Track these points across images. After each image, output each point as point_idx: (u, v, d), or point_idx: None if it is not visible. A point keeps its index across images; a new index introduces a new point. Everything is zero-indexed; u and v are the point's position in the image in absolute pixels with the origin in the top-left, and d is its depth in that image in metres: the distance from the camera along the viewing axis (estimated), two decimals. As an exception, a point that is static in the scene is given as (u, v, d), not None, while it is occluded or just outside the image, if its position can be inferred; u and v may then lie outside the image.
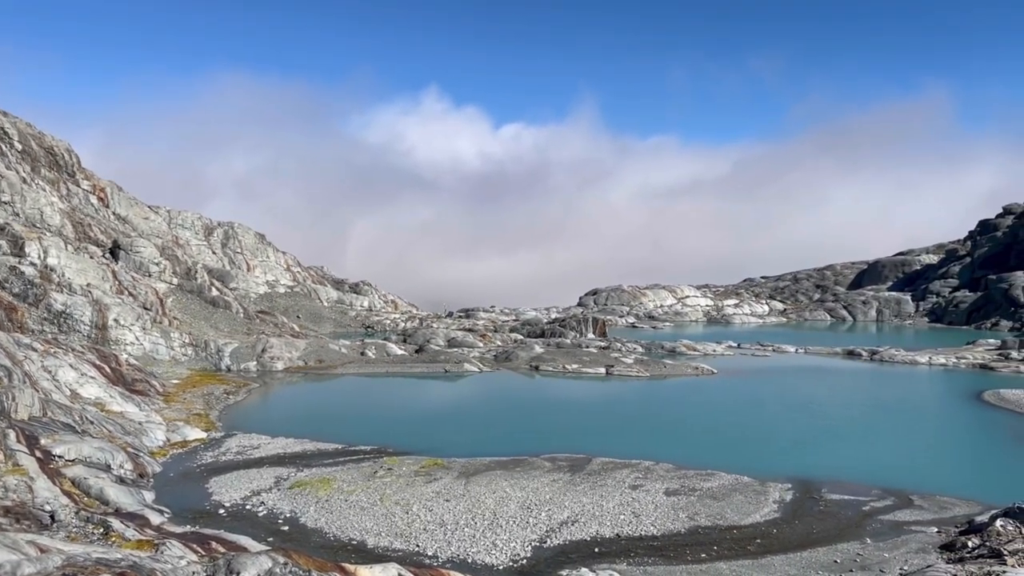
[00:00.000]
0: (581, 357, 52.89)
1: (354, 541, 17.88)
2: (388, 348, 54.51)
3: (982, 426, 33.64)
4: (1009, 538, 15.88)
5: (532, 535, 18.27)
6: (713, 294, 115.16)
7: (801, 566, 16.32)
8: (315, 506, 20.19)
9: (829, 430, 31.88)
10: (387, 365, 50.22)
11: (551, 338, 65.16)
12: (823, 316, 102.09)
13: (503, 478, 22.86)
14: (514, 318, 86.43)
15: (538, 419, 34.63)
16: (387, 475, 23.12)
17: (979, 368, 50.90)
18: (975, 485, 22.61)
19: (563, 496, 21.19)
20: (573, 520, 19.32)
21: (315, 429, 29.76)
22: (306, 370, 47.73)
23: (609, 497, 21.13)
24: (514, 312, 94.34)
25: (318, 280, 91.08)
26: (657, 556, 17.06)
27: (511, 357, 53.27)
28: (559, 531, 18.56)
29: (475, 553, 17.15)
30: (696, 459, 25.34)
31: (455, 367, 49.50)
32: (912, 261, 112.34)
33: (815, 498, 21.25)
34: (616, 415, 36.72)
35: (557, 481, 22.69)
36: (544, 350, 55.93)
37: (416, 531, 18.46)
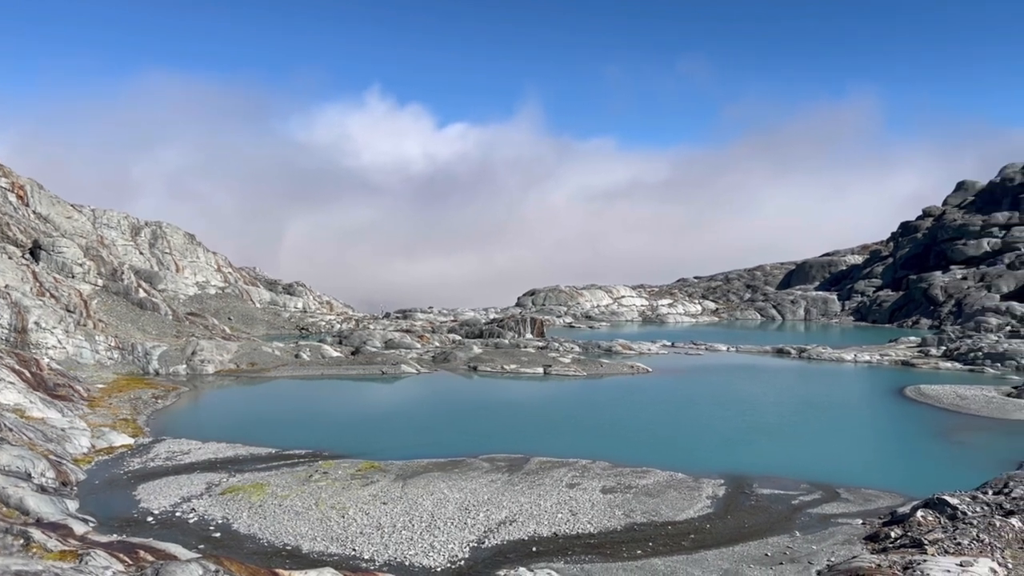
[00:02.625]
0: (519, 357, 53.05)
1: (288, 546, 17.56)
2: (323, 350, 53.76)
3: (904, 421, 34.93)
4: (929, 528, 16.52)
5: (470, 536, 18.24)
6: (648, 294, 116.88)
7: (733, 560, 16.68)
8: (248, 512, 19.76)
9: (760, 426, 32.67)
10: (322, 367, 49.51)
11: (489, 338, 65.20)
12: (754, 315, 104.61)
13: (441, 480, 22.76)
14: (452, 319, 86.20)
15: (476, 420, 34.61)
16: (322, 479, 22.78)
17: (901, 365, 52.83)
18: (898, 478, 23.46)
19: (501, 496, 21.21)
20: (511, 520, 19.35)
21: (248, 433, 29.15)
22: (238, 373, 46.71)
23: (547, 496, 21.24)
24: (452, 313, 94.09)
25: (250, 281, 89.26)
26: (594, 554, 17.21)
27: (449, 358, 53.11)
28: (497, 531, 18.57)
29: (413, 555, 17.04)
30: (632, 457, 25.68)
31: (392, 369, 49.10)
32: (838, 262, 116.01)
33: (747, 493, 21.74)
34: (554, 414, 36.95)
35: (495, 481, 22.71)
36: (482, 350, 55.91)
37: (352, 535, 18.24)
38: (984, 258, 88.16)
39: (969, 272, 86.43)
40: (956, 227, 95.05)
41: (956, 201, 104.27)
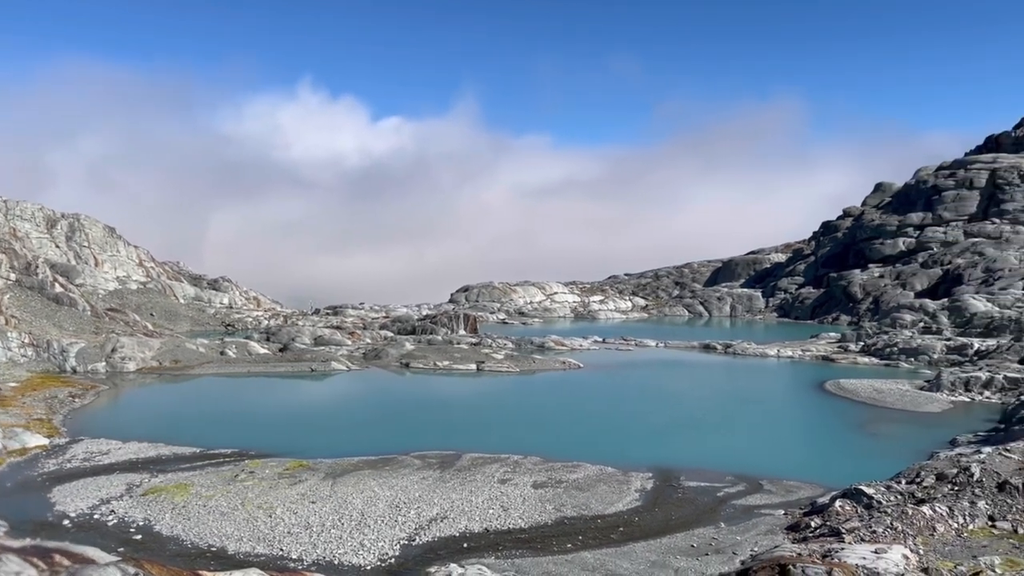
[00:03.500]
0: (452, 354, 52.93)
1: (213, 547, 17.14)
2: (250, 347, 52.60)
3: (824, 414, 36.11)
4: (847, 517, 17.13)
5: (401, 533, 18.12)
6: (580, 291, 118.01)
7: (661, 552, 16.99)
8: (171, 513, 19.21)
9: (688, 420, 33.36)
10: (249, 365, 48.47)
11: (422, 335, 64.84)
12: (682, 312, 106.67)
13: (372, 477, 22.55)
14: (384, 315, 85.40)
15: (408, 417, 34.40)
16: (249, 478, 22.31)
17: (822, 360, 54.60)
18: (818, 469, 24.21)
19: (432, 493, 21.13)
20: (442, 517, 19.30)
21: (171, 433, 28.33)
22: (161, 371, 45.36)
23: (478, 492, 21.25)
24: (384, 309, 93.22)
25: (174, 276, 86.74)
26: (525, 548, 17.30)
27: (381, 355, 52.63)
28: (428, 528, 18.50)
29: (342, 554, 16.83)
30: (564, 452, 25.88)
31: (322, 366, 48.39)
32: (763, 260, 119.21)
33: (674, 486, 22.17)
34: (486, 411, 37.01)
35: (427, 479, 22.61)
36: (415, 347, 55.59)
37: (280, 534, 17.91)
38: (900, 257, 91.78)
39: (886, 270, 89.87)
40: (874, 227, 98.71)
41: (874, 202, 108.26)
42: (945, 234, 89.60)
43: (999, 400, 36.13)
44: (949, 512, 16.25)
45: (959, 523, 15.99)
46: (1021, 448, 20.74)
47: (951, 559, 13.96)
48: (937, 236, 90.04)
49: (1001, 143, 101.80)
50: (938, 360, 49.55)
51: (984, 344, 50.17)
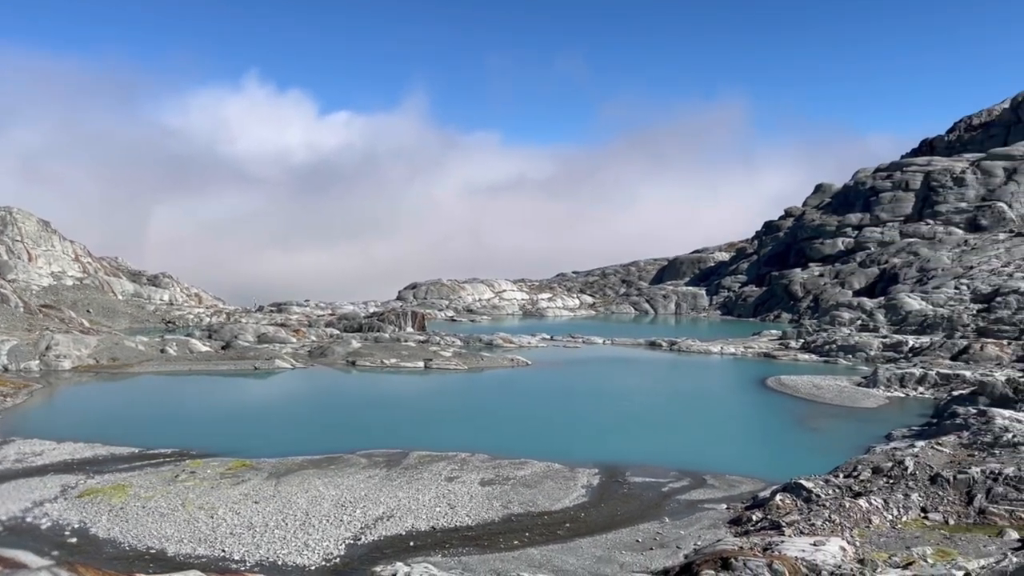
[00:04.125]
0: (400, 351, 52.60)
1: (152, 550, 16.73)
2: (191, 345, 51.49)
3: (766, 409, 36.86)
4: (787, 511, 17.51)
5: (346, 533, 17.93)
6: (529, 288, 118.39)
7: (606, 547, 17.14)
8: (108, 515, 18.68)
9: (633, 416, 33.72)
10: (190, 363, 47.44)
11: (369, 332, 64.25)
12: (628, 309, 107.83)
13: (316, 477, 22.27)
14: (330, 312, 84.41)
15: (355, 415, 34.08)
16: (190, 479, 21.83)
17: (763, 357, 55.73)
18: (760, 464, 24.70)
19: (379, 492, 20.97)
20: (389, 515, 19.16)
21: (108, 432, 27.55)
22: (98, 369, 44.10)
23: (425, 490, 21.15)
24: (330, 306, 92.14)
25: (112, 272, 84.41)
26: (472, 546, 17.28)
27: (327, 352, 52.02)
28: (374, 527, 18.34)
29: (286, 555, 16.58)
30: (511, 449, 25.92)
31: (266, 364, 47.61)
32: (707, 258, 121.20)
33: (620, 482, 22.38)
34: (434, 408, 36.87)
35: (373, 477, 22.43)
36: (361, 345, 55.07)
37: (222, 535, 17.57)
38: (839, 256, 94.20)
39: (825, 269, 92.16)
40: (814, 227, 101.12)
41: (815, 202, 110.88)
42: (882, 234, 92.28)
43: (932, 395, 37.33)
44: (884, 504, 16.74)
45: (893, 515, 16.48)
46: (952, 442, 21.48)
47: (886, 550, 14.37)
48: (874, 236, 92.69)
49: (935, 146, 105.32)
50: (875, 357, 50.99)
51: (918, 341, 51.81)
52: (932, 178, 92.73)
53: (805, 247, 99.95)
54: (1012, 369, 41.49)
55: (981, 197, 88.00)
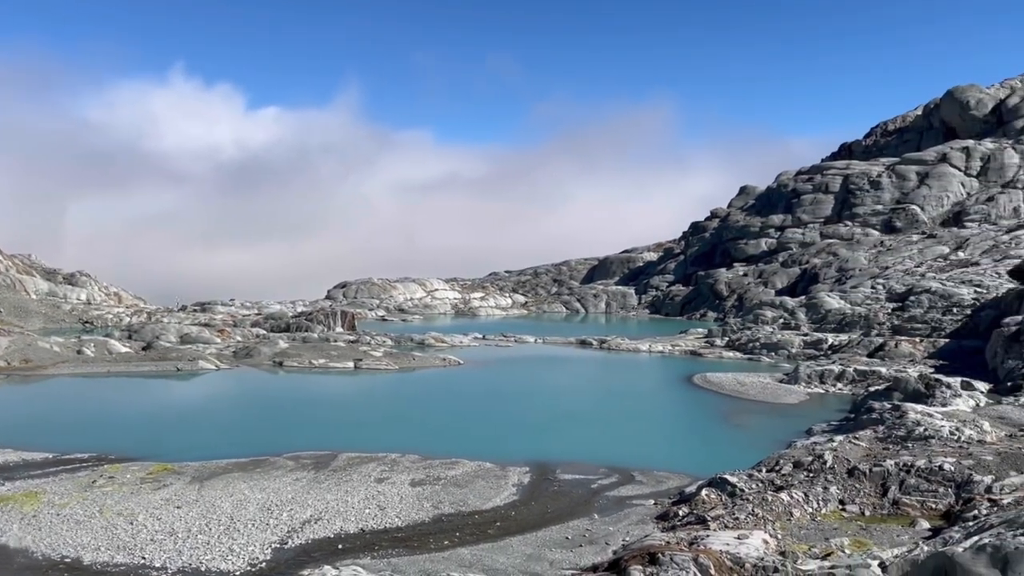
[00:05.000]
0: (329, 351, 51.83)
1: (67, 559, 16.06)
2: (110, 345, 49.70)
3: (692, 406, 37.63)
4: (712, 505, 17.89)
5: (272, 537, 17.56)
6: (461, 287, 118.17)
7: (536, 545, 17.21)
8: (19, 523, 17.86)
9: (564, 414, 33.98)
10: (109, 364, 45.78)
11: (297, 332, 63.13)
12: (560, 308, 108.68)
13: (242, 480, 21.76)
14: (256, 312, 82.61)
15: (282, 417, 33.41)
16: (108, 484, 21.06)
17: (690, 354, 56.85)
18: (686, 459, 25.17)
19: (306, 495, 20.61)
20: (317, 518, 18.84)
21: (19, 437, 26.38)
22: (9, 371, 42.15)
23: (354, 492, 20.89)
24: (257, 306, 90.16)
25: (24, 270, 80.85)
26: (401, 547, 17.14)
27: (252, 353, 50.90)
28: (301, 530, 18.01)
29: (209, 560, 16.14)
30: (442, 448, 25.82)
31: (188, 365, 46.29)
32: (636, 258, 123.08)
33: (550, 479, 22.52)
34: (364, 409, 36.47)
35: (300, 480, 22.03)
36: (289, 345, 54.07)
37: (142, 542, 16.99)
38: (762, 256, 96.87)
39: (749, 269, 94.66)
40: (739, 228, 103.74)
41: (739, 204, 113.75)
42: (803, 235, 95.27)
43: (850, 391, 38.69)
44: (804, 498, 17.26)
45: (813, 508, 17.01)
46: (868, 436, 22.30)
47: (806, 542, 14.82)
48: (796, 237, 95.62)
49: (853, 151, 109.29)
50: (796, 354, 52.57)
51: (837, 339, 53.63)
52: (850, 181, 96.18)
53: (730, 247, 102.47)
54: (924, 365, 43.35)
55: (896, 200, 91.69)
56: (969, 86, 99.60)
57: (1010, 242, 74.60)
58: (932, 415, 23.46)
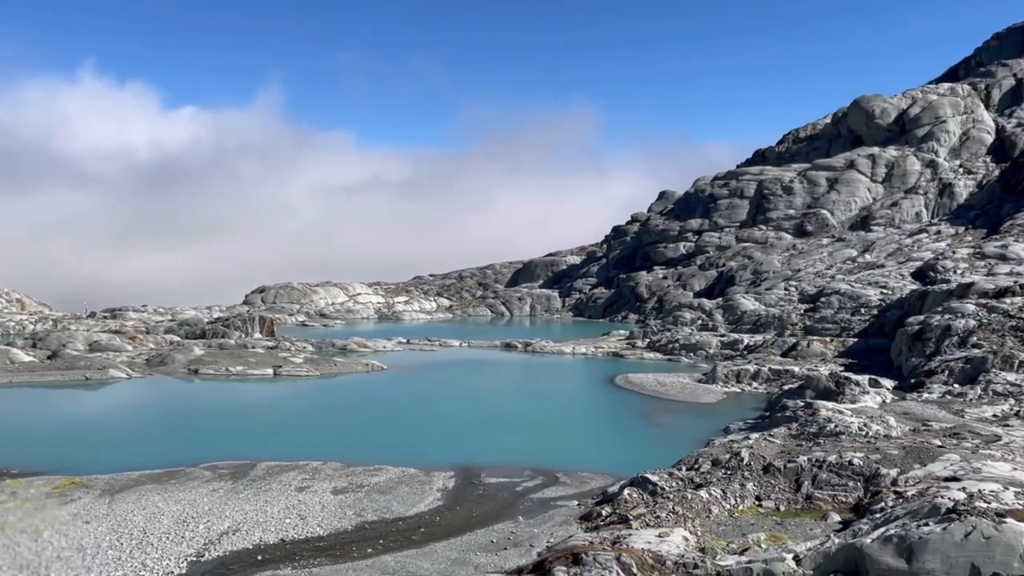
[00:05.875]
0: (247, 358, 50.54)
1: (-37, 582, 15.20)
2: (12, 354, 47.29)
3: (614, 407, 38.17)
4: (634, 504, 18.17)
5: (188, 550, 16.99)
6: (385, 291, 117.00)
7: (461, 549, 17.15)
8: (-91, 546, 16.79)
9: (489, 418, 34.00)
10: (10, 374, 43.55)
11: (213, 339, 61.39)
12: (485, 312, 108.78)
13: (155, 492, 21.00)
14: (170, 318, 79.94)
15: (198, 426, 32.40)
16: (10, 500, 20.02)
17: (612, 356, 57.69)
18: (609, 459, 25.50)
19: (224, 505, 20.03)
20: (235, 529, 18.33)
21: (-89, 454, 24.83)
22: (-100, 384, 39.67)
23: (274, 502, 20.41)
24: (171, 312, 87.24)
25: (-82, 276, 76.22)
26: (323, 556, 16.82)
27: (166, 361, 49.22)
28: (219, 542, 17.48)
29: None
30: (365, 455, 25.47)
31: (98, 374, 44.43)
32: (560, 261, 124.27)
33: (475, 483, 22.48)
34: (284, 417, 35.68)
35: (218, 490, 21.40)
36: (205, 352, 52.51)
37: (47, 560, 16.20)
38: (681, 260, 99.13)
39: (669, 272, 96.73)
40: (658, 232, 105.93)
41: (659, 208, 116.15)
42: (720, 239, 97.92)
43: (765, 390, 39.91)
44: (723, 495, 17.69)
45: (731, 504, 17.45)
46: (782, 433, 23.02)
47: (724, 538, 15.19)
48: (713, 241, 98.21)
49: (767, 157, 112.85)
50: (714, 355, 53.95)
51: (752, 339, 55.28)
52: (764, 186, 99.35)
53: (650, 251, 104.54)
54: (834, 364, 45.09)
55: (807, 205, 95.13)
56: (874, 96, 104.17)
57: (913, 245, 78.34)
58: (842, 412, 24.40)
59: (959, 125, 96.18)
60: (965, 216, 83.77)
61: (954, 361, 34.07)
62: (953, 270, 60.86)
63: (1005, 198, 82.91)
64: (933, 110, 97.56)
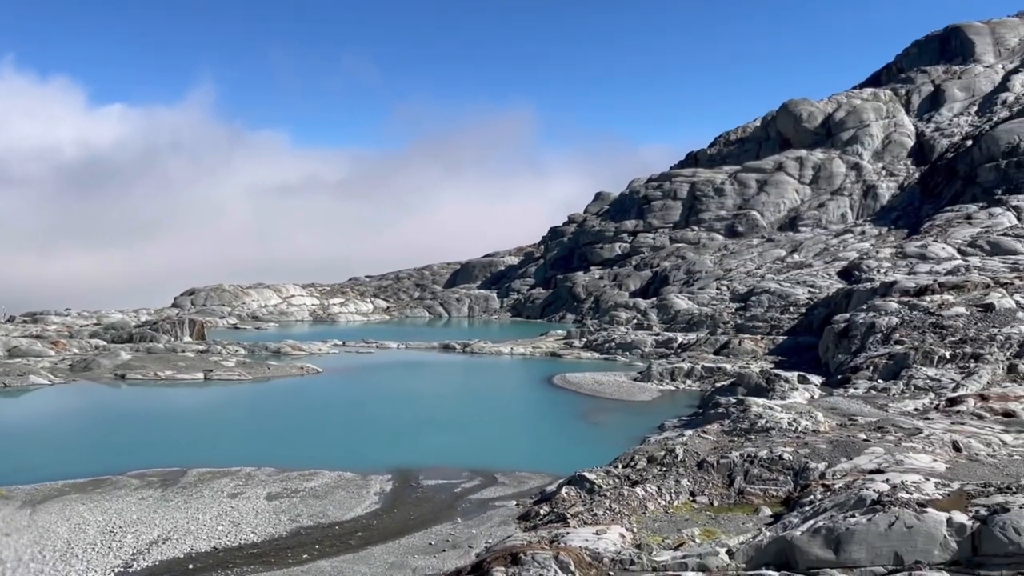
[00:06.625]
0: (176, 363, 49.21)
1: None
2: (-74, 361, 45.05)
3: (552, 406, 38.40)
4: (572, 503, 18.30)
5: (115, 561, 16.45)
6: (320, 293, 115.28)
7: (399, 553, 17.02)
8: None
9: (427, 420, 33.81)
10: (-76, 382, 41.47)
11: (141, 343, 59.56)
12: (423, 313, 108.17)
13: (80, 502, 20.27)
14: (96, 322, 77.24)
15: (125, 433, 31.39)
16: (-79, 515, 19.05)
17: (550, 356, 58.03)
18: (547, 459, 25.63)
19: (153, 514, 19.45)
20: (165, 538, 17.82)
21: None
22: None
23: (206, 509, 19.91)
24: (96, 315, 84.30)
25: None
26: (258, 563, 16.49)
27: (91, 366, 47.55)
28: (148, 552, 16.98)
29: (42, 592, 14.92)
30: (300, 460, 25.07)
31: (18, 380, 42.62)
32: (498, 262, 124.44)
33: (413, 486, 22.35)
34: (216, 422, 34.86)
35: (146, 499, 20.78)
36: (132, 356, 50.92)
37: (-38, 578, 15.48)
38: (616, 260, 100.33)
39: (605, 272, 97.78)
40: (595, 232, 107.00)
41: (595, 209, 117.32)
42: (654, 240, 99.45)
43: (698, 387, 40.68)
44: (658, 491, 17.97)
45: (666, 500, 17.74)
46: (715, 430, 23.50)
47: (660, 534, 15.43)
48: (648, 242, 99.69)
49: (699, 159, 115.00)
50: (649, 353, 54.74)
51: (686, 338, 56.29)
52: (697, 188, 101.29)
53: (587, 251, 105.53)
54: (765, 361, 46.25)
55: (738, 206, 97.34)
56: (801, 100, 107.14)
57: (839, 245, 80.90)
58: (772, 408, 25.03)
59: (882, 129, 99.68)
60: (888, 217, 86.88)
61: (878, 357, 35.30)
62: (877, 269, 63.08)
63: (925, 200, 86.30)
64: (857, 114, 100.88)
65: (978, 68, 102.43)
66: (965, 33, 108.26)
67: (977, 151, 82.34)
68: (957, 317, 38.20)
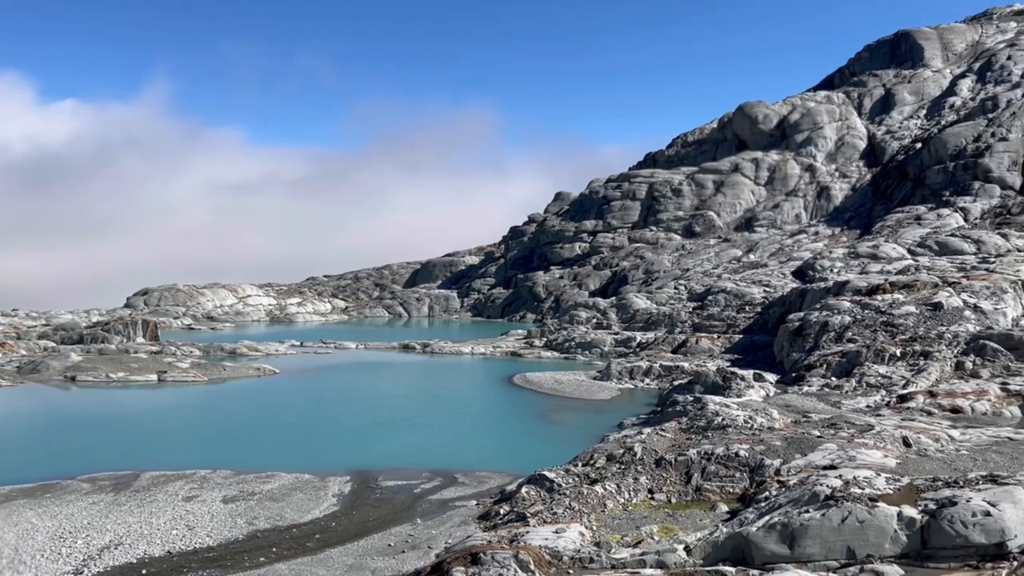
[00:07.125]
0: (129, 364, 48.22)
1: None
2: None
3: (513, 406, 38.46)
4: (532, 502, 18.34)
5: (65, 567, 16.07)
6: (277, 293, 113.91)
7: (358, 555, 16.89)
8: None
9: (386, 421, 33.61)
10: None
11: (92, 344, 58.23)
12: (382, 313, 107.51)
13: (28, 508, 19.74)
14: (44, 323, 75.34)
15: (76, 437, 30.67)
16: None
17: (511, 355, 58.11)
18: (507, 458, 25.68)
19: (105, 519, 19.03)
20: (117, 543, 17.44)
21: None
22: None
23: (160, 513, 19.54)
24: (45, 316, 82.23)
25: None
26: (214, 567, 16.23)
27: (40, 368, 46.38)
28: (99, 558, 16.61)
29: (-12, 601, 14.50)
30: (257, 462, 24.74)
31: (-36, 383, 41.41)
32: (458, 262, 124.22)
33: (372, 487, 22.20)
34: (170, 424, 34.22)
35: (98, 503, 20.31)
36: (83, 358, 49.78)
37: (-97, 587, 14.99)
38: (576, 260, 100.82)
39: (565, 272, 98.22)
40: (555, 232, 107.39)
41: (555, 209, 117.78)
42: (613, 239, 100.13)
43: (657, 386, 41.06)
44: (617, 489, 18.10)
45: (625, 498, 17.88)
46: (673, 427, 23.76)
47: (619, 531, 15.54)
48: (607, 242, 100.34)
49: (657, 160, 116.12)
50: (608, 352, 55.12)
51: (645, 337, 56.79)
52: (655, 189, 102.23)
53: (547, 251, 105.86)
54: (722, 360, 46.85)
55: (695, 207, 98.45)
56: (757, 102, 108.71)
57: (793, 245, 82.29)
58: (729, 406, 25.38)
59: (835, 131, 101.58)
60: (840, 218, 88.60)
61: (831, 355, 36.00)
62: (830, 269, 64.31)
63: (876, 200, 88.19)
64: (811, 116, 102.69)
65: (927, 72, 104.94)
66: (914, 38, 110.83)
67: (926, 153, 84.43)
68: (907, 316, 39.12)
